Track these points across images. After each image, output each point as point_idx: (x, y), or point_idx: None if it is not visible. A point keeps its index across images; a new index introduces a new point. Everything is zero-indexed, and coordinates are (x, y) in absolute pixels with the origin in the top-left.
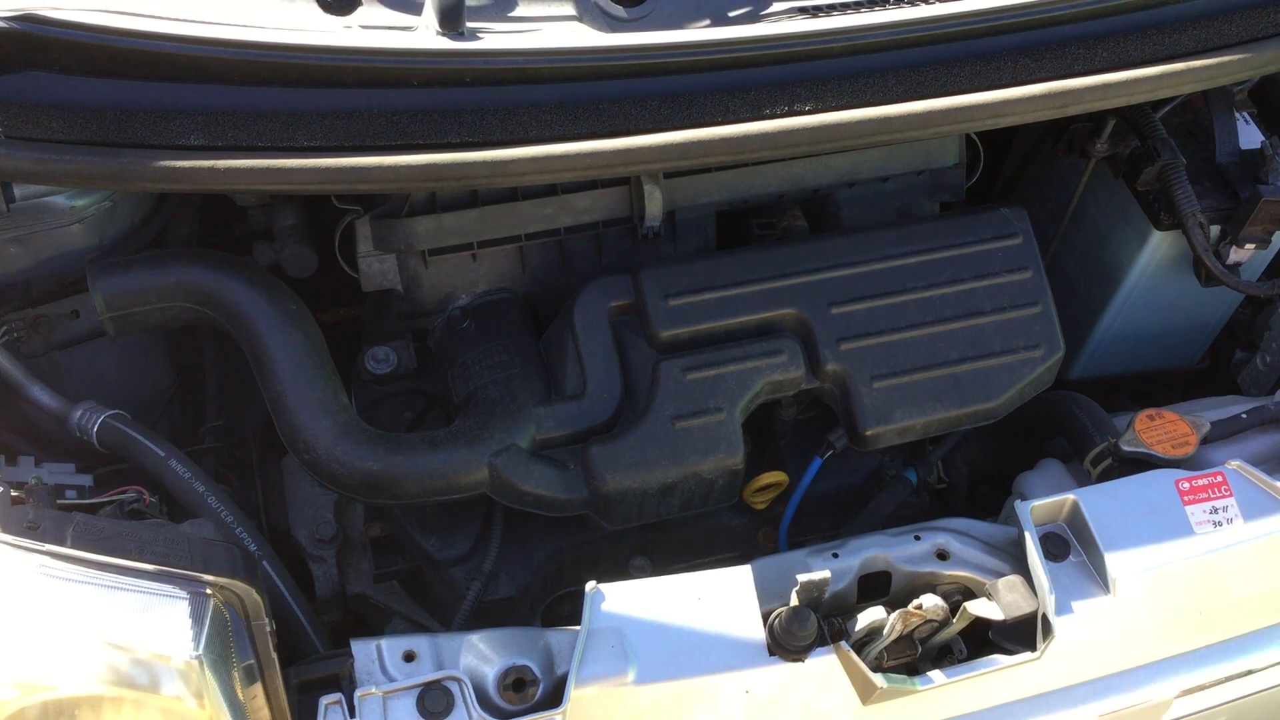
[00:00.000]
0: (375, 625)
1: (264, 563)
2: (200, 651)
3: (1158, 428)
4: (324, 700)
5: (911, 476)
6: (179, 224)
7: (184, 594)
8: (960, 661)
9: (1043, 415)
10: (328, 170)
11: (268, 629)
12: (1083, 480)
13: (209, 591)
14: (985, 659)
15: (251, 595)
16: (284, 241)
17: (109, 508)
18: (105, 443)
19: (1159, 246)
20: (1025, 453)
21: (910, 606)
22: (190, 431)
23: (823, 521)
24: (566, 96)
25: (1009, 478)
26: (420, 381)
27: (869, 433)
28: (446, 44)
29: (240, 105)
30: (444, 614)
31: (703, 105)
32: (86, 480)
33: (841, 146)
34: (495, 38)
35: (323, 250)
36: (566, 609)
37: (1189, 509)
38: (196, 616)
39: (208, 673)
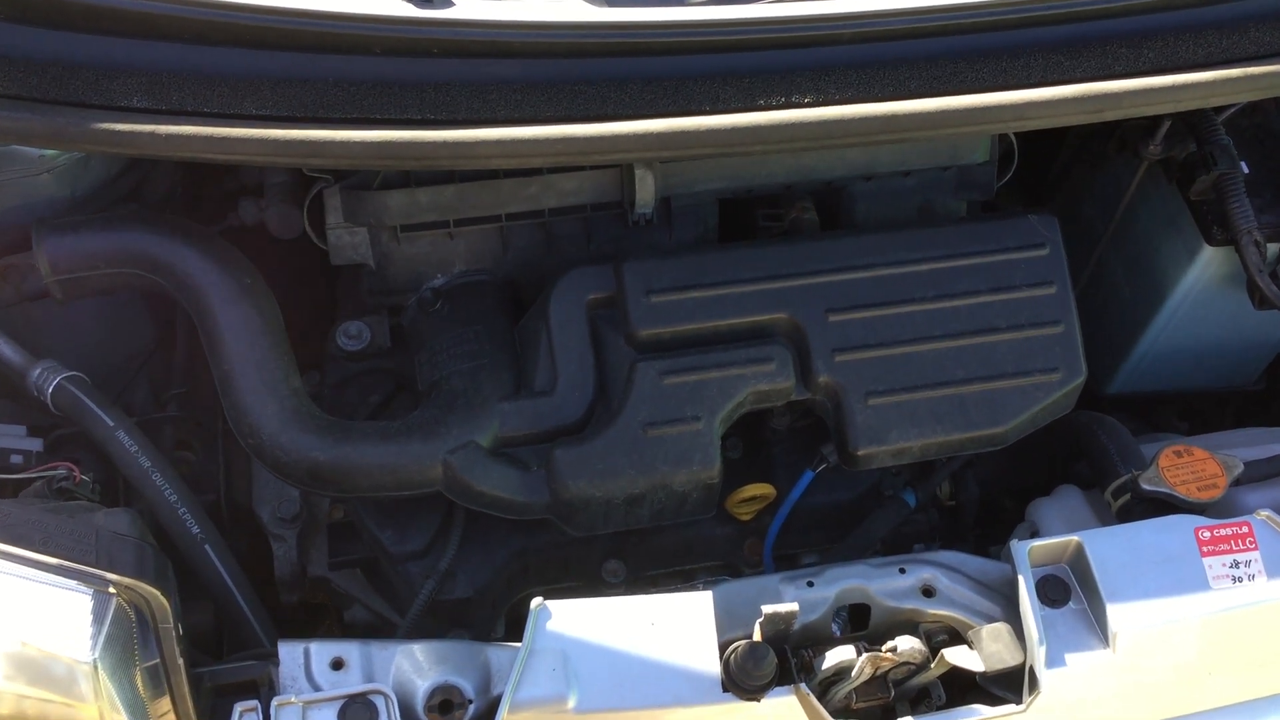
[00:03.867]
0: (339, 605)
1: (206, 546)
2: (97, 655)
3: (1184, 466)
4: (239, 707)
5: (910, 499)
6: (158, 178)
7: (86, 592)
8: (938, 708)
9: (1066, 437)
10: (276, 142)
11: (174, 634)
12: (1101, 512)
13: (112, 591)
14: (964, 708)
15: (158, 599)
16: (271, 199)
17: (38, 484)
18: (59, 406)
19: (1210, 262)
20: (1046, 473)
21: (883, 649)
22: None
23: (814, 536)
24: (540, 75)
25: (1033, 492)
26: (393, 361)
27: (860, 452)
28: (413, 10)
29: (188, 66)
30: (401, 607)
31: (690, 92)
32: (36, 445)
33: (842, 144)
34: (467, 6)
35: None
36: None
37: (1207, 561)
38: (98, 616)
39: (103, 677)
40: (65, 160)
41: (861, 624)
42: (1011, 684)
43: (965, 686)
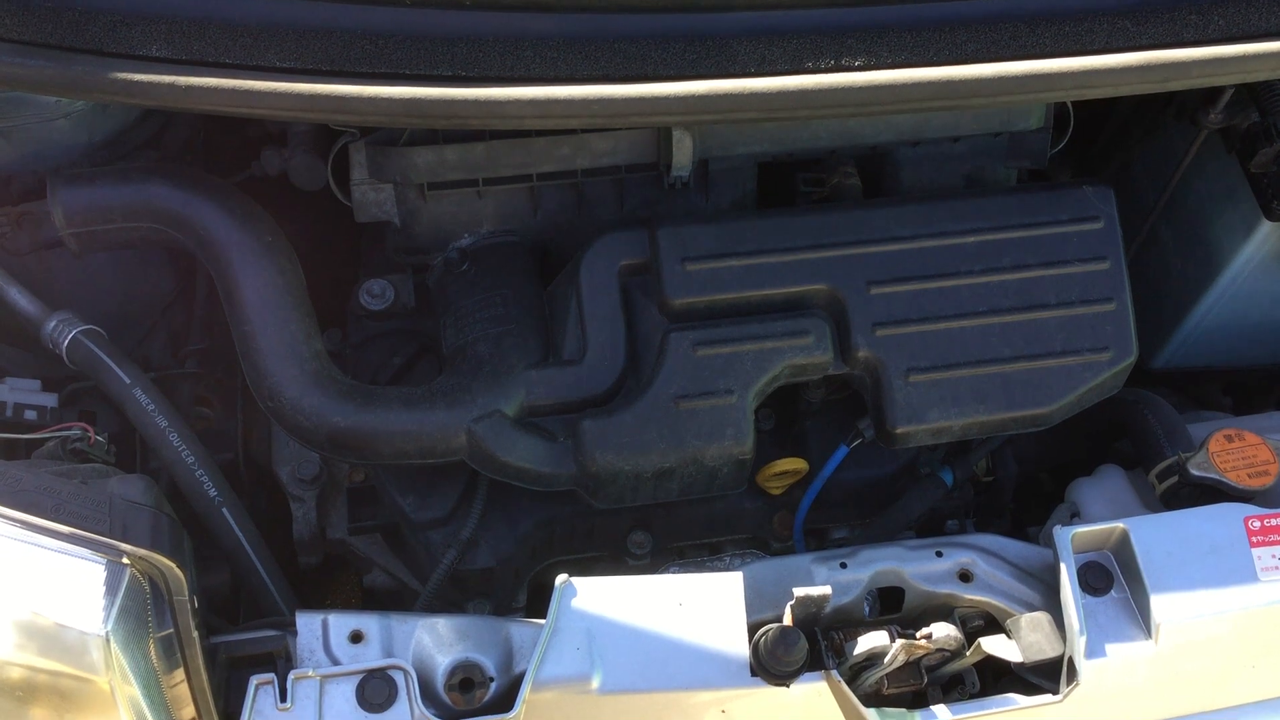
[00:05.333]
0: (356, 569)
1: (224, 510)
2: (110, 627)
3: (1235, 451)
4: (254, 680)
5: (948, 477)
6: (179, 125)
7: (100, 562)
8: (971, 696)
9: (1110, 414)
10: (300, 97)
11: (189, 607)
12: (1145, 494)
13: (126, 561)
14: (999, 697)
15: (173, 570)
16: (295, 149)
17: (51, 444)
18: (74, 360)
19: (1269, 238)
20: (1087, 450)
21: (918, 636)
22: (186, 347)
23: (846, 512)
24: (578, 31)
25: (1071, 468)
26: (417, 321)
27: (898, 431)
28: None
29: (210, 14)
30: (422, 573)
31: (735, 52)
32: (51, 400)
33: (893, 110)
34: None
35: None
36: (557, 574)
37: (1256, 551)
38: (111, 587)
39: (115, 649)
40: (82, 106)
41: (894, 606)
42: (1048, 672)
43: (999, 672)
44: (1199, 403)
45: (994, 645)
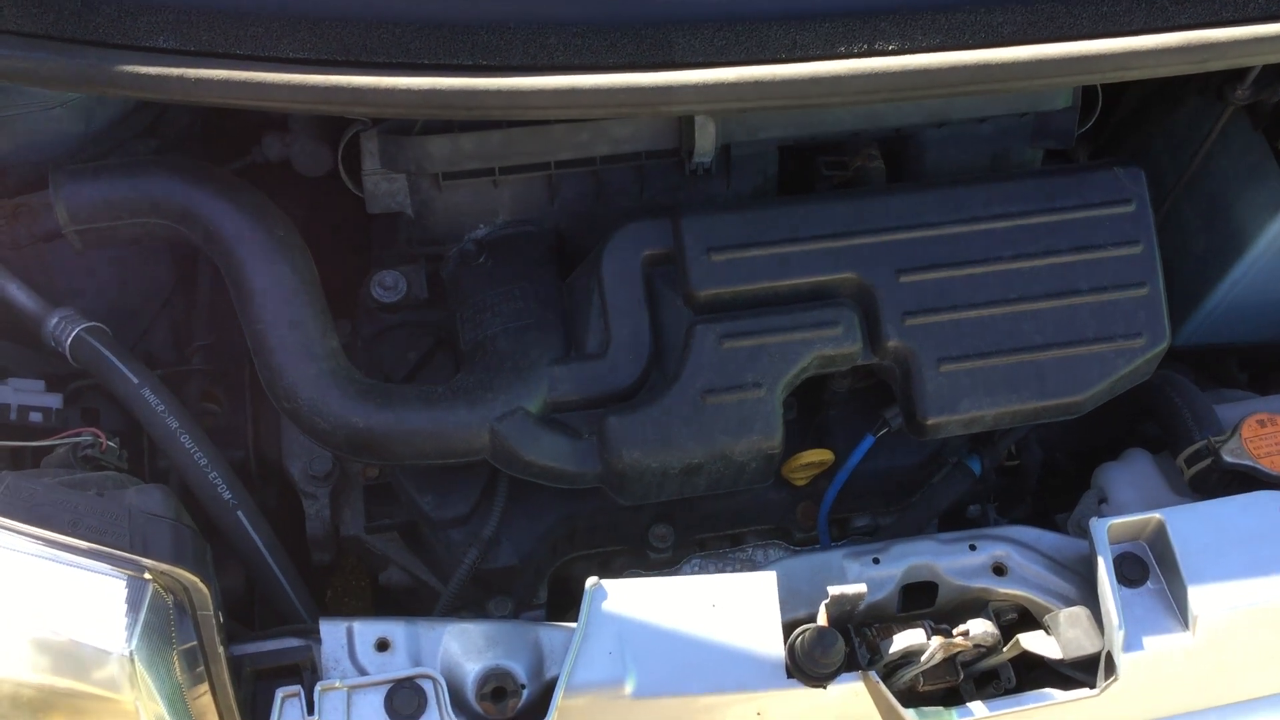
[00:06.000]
0: (372, 566)
1: (239, 512)
2: (134, 646)
3: (1268, 437)
4: (280, 693)
5: (975, 466)
6: (177, 111)
7: (120, 578)
8: (1008, 691)
9: (1135, 397)
10: (315, 89)
11: (214, 621)
12: (1173, 478)
13: (148, 576)
14: (1036, 693)
15: (197, 586)
16: (297, 134)
17: (61, 450)
18: (78, 359)
19: None
20: (1111, 434)
21: (955, 633)
22: (189, 340)
23: (871, 501)
24: (603, 17)
25: (1096, 452)
26: (431, 313)
27: (930, 422)
28: None
29: (219, 3)
30: (441, 572)
31: (764, 37)
32: (55, 401)
33: (927, 95)
34: None
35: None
36: (579, 569)
37: None
38: (133, 604)
39: (140, 668)
40: (80, 94)
41: (927, 600)
42: (1085, 666)
43: (1032, 664)
44: (1216, 379)
45: (1034, 642)
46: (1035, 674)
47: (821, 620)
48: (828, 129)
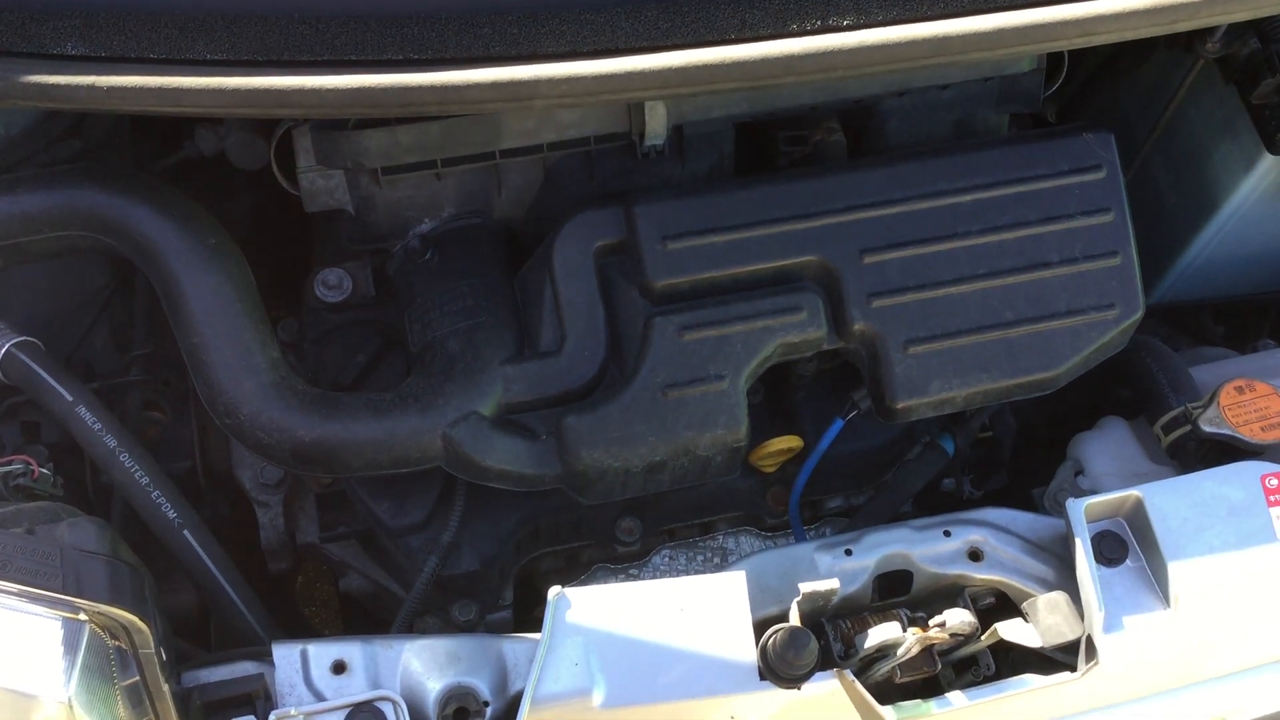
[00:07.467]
0: (332, 571)
1: (185, 532)
2: (72, 691)
3: (1247, 404)
4: None
5: (949, 445)
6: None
7: (55, 619)
8: (986, 679)
9: (1110, 363)
10: (235, 92)
11: (156, 660)
12: (1150, 446)
13: (83, 617)
14: (1015, 679)
15: (135, 624)
16: (231, 128)
17: None
18: (10, 376)
19: (1269, 172)
20: (1085, 401)
21: (931, 624)
22: (131, 346)
23: (841, 482)
24: (539, 2)
25: (1069, 422)
26: (379, 312)
27: (900, 405)
28: None
29: (129, 4)
30: (401, 577)
31: (712, 18)
32: None
33: (886, 71)
34: None
35: None
36: (547, 564)
37: (1275, 511)
38: (69, 646)
39: (79, 712)
40: None
41: (902, 589)
42: (1066, 649)
43: (1010, 648)
44: (1192, 334)
45: (1012, 631)
46: (1014, 656)
47: (794, 619)
48: (785, 104)
